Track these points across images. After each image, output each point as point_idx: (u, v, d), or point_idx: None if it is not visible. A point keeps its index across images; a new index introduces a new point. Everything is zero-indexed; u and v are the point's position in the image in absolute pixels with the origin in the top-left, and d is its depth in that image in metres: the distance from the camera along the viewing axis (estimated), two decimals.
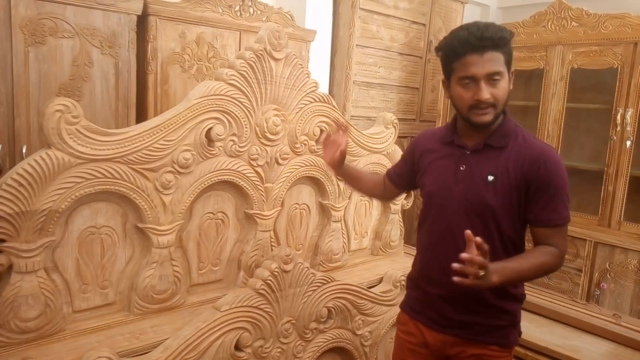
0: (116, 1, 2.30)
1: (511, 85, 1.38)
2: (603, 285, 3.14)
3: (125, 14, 2.35)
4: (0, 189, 1.29)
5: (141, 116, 2.51)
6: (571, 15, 3.24)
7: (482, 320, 1.41)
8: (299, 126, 1.88)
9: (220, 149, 1.69)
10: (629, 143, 3.04)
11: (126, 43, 2.38)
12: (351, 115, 3.44)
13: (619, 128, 3.07)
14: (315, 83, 1.91)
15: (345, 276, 2.10)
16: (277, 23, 2.88)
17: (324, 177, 2.03)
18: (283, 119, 1.82)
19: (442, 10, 3.87)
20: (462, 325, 1.42)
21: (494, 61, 1.29)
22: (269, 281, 1.59)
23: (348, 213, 2.22)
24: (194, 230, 1.73)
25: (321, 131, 1.94)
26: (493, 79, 1.30)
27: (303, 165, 1.94)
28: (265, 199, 1.84)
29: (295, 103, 1.85)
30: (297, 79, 1.84)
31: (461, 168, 1.40)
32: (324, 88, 3.44)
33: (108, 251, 1.54)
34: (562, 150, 3.37)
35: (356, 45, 3.39)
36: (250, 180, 1.79)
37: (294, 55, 1.80)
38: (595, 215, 3.23)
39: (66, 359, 1.36)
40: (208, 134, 1.64)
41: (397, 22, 3.61)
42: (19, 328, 1.37)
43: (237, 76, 1.67)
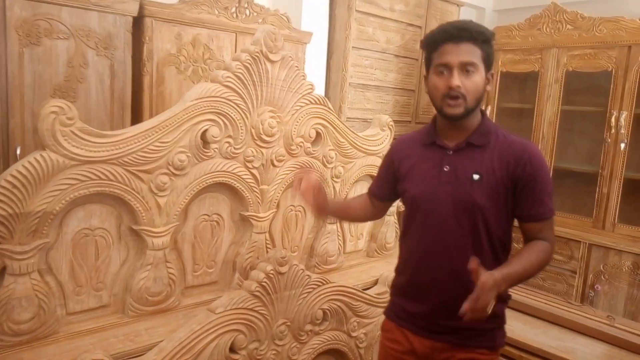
0: (112, 2, 2.30)
1: (489, 87, 1.40)
2: (597, 287, 3.16)
3: (121, 15, 2.35)
4: None
5: (136, 118, 2.50)
6: (566, 19, 3.27)
7: (471, 324, 1.39)
8: (294, 128, 1.89)
9: (216, 150, 1.68)
10: (623, 145, 3.06)
11: (122, 44, 2.37)
12: (347, 117, 3.44)
13: (613, 130, 3.09)
14: (311, 85, 1.91)
15: (341, 278, 2.10)
16: (273, 25, 2.89)
17: (319, 180, 2.03)
18: (279, 120, 1.82)
19: (438, 13, 3.88)
20: (452, 330, 1.41)
21: (470, 52, 1.32)
22: (264, 283, 1.59)
23: None
24: (189, 232, 1.72)
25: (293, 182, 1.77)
26: (467, 69, 1.32)
27: (299, 167, 1.94)
28: (260, 201, 1.84)
29: (291, 105, 1.85)
30: (293, 81, 1.84)
31: (445, 169, 1.40)
32: (319, 90, 3.44)
33: (102, 253, 1.54)
34: (557, 153, 3.39)
35: (352, 47, 3.39)
36: (246, 182, 1.78)
37: (290, 57, 1.80)
38: (589, 217, 3.25)
39: None
40: (203, 136, 1.64)
41: (393, 25, 3.62)
42: (12, 330, 1.36)
43: (233, 78, 1.67)
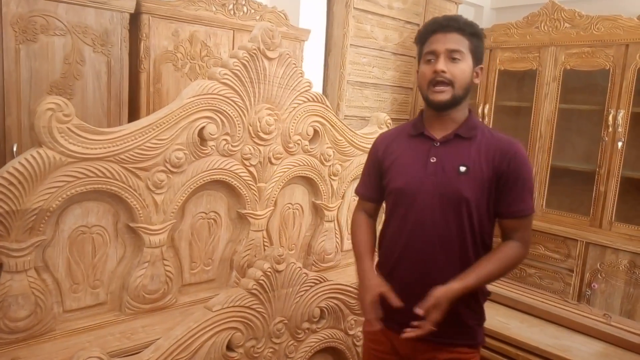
0: None
1: (477, 81, 1.41)
2: (594, 285, 3.16)
3: (118, 12, 2.34)
4: None
5: (133, 115, 2.50)
6: (564, 17, 3.27)
7: (452, 321, 1.40)
8: (292, 126, 1.88)
9: (213, 148, 1.68)
10: (620, 144, 3.06)
11: (119, 41, 2.36)
12: (345, 115, 3.44)
13: (610, 129, 3.09)
14: (309, 82, 1.90)
15: (338, 276, 2.10)
16: (271, 22, 2.88)
17: (317, 177, 2.03)
18: (276, 118, 1.82)
19: (436, 11, 3.87)
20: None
21: (457, 41, 1.36)
22: (261, 281, 1.59)
23: (341, 213, 2.22)
24: (186, 229, 1.72)
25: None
26: (453, 57, 1.35)
27: (296, 164, 1.94)
28: (258, 199, 1.84)
29: (288, 102, 1.85)
30: (291, 79, 1.83)
31: (432, 160, 1.39)
32: (317, 88, 3.44)
33: (99, 250, 1.53)
34: (554, 151, 3.40)
35: (350, 44, 3.39)
36: (243, 179, 1.78)
37: (287, 54, 1.80)
38: (586, 215, 3.25)
39: (57, 359, 1.35)
40: (201, 133, 1.63)
41: (391, 22, 3.62)
42: (8, 328, 1.36)
43: (231, 75, 1.66)
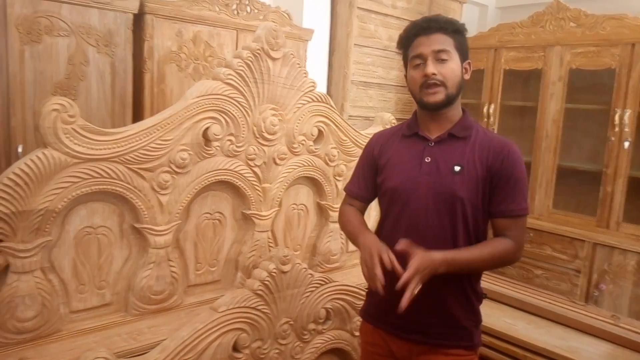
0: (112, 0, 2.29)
1: (467, 76, 1.41)
2: (602, 286, 3.14)
3: (122, 13, 2.34)
4: None
5: (137, 115, 2.50)
6: (569, 16, 3.25)
7: (447, 322, 1.39)
8: (296, 126, 1.88)
9: (218, 148, 1.68)
10: (627, 144, 3.04)
11: (122, 42, 2.36)
12: (349, 115, 3.43)
13: (617, 129, 3.07)
14: (313, 83, 1.90)
15: (344, 277, 2.09)
16: (275, 22, 2.87)
17: (321, 178, 2.03)
18: (280, 118, 1.81)
19: (441, 10, 3.86)
20: (427, 327, 1.40)
21: (441, 41, 1.35)
22: (266, 282, 1.58)
23: None
24: (191, 230, 1.72)
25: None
26: (441, 58, 1.35)
27: (301, 165, 1.94)
28: (262, 199, 1.83)
29: (292, 103, 1.84)
30: (295, 79, 1.83)
31: (426, 160, 1.39)
32: (321, 88, 3.43)
33: (105, 251, 1.53)
34: (560, 151, 3.38)
35: (354, 44, 3.38)
36: (248, 180, 1.78)
37: (291, 54, 1.79)
38: (593, 216, 3.23)
39: None
40: (205, 134, 1.63)
41: (395, 22, 3.61)
42: (16, 328, 1.36)
43: (235, 75, 1.66)
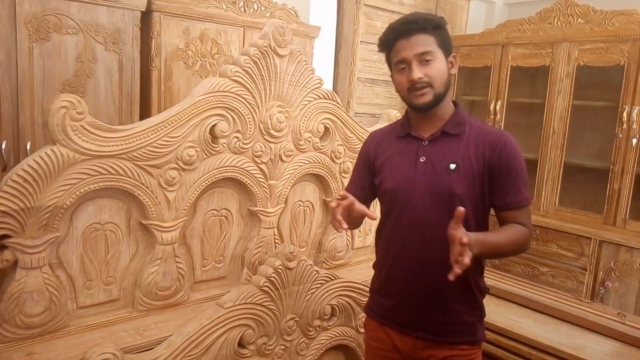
0: None
1: (454, 70, 1.40)
2: (608, 284, 3.13)
3: (130, 10, 2.35)
4: (6, 185, 1.29)
5: (145, 112, 2.51)
6: (577, 12, 3.22)
7: (452, 319, 1.39)
8: (303, 123, 1.88)
9: (224, 145, 1.68)
10: (635, 141, 3.02)
11: (130, 39, 2.37)
12: (355, 112, 3.43)
13: (625, 126, 3.05)
14: (320, 80, 1.90)
15: (349, 274, 2.10)
16: (281, 19, 2.87)
17: (327, 175, 2.03)
18: (287, 115, 1.81)
19: (448, 7, 3.85)
20: (432, 325, 1.40)
21: (423, 42, 1.34)
22: (272, 278, 1.59)
23: None
24: (198, 227, 1.73)
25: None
26: (425, 59, 1.34)
27: (307, 162, 1.94)
28: (269, 196, 1.84)
29: (299, 100, 1.85)
30: (302, 76, 1.83)
31: (421, 160, 1.39)
32: (328, 85, 3.43)
33: (112, 247, 1.54)
34: (568, 148, 3.36)
35: (360, 41, 3.38)
36: (254, 177, 1.78)
37: (298, 51, 1.80)
38: (600, 213, 3.22)
39: (70, 355, 1.37)
40: (212, 131, 1.64)
41: None
42: (24, 323, 1.38)
43: (242, 73, 1.66)
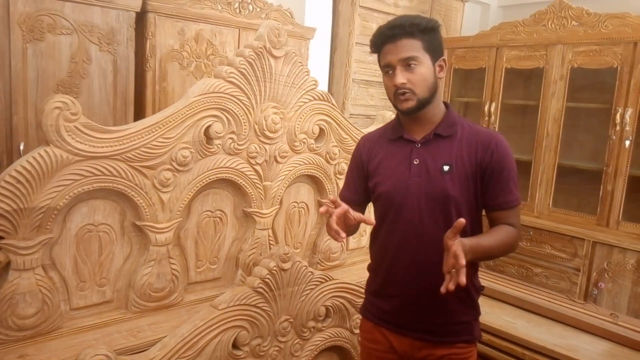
0: None
1: (441, 74, 1.40)
2: (601, 285, 3.15)
3: (124, 11, 2.34)
4: None
5: (139, 113, 2.50)
6: (571, 15, 3.24)
7: (449, 319, 1.40)
8: (298, 124, 1.88)
9: (219, 146, 1.68)
10: (628, 142, 3.04)
11: (125, 40, 2.37)
12: (350, 114, 3.43)
13: (618, 127, 3.07)
14: (315, 81, 1.90)
15: (343, 275, 2.10)
16: (277, 20, 2.88)
17: (322, 176, 2.03)
18: (282, 117, 1.81)
19: (443, 9, 3.86)
20: (430, 326, 1.41)
21: (408, 48, 1.33)
22: (267, 279, 1.59)
23: None
24: (192, 228, 1.72)
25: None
26: (408, 64, 1.33)
27: (302, 163, 1.94)
28: (263, 197, 1.84)
29: (294, 101, 1.85)
30: (297, 77, 1.83)
31: (415, 162, 1.39)
32: (323, 86, 3.44)
33: (106, 249, 1.54)
34: (561, 150, 3.38)
35: (356, 43, 3.38)
36: (249, 178, 1.78)
37: (293, 53, 1.80)
38: (593, 214, 3.23)
39: (63, 357, 1.36)
40: (207, 132, 1.64)
41: None
42: (16, 325, 1.37)
43: (237, 74, 1.66)
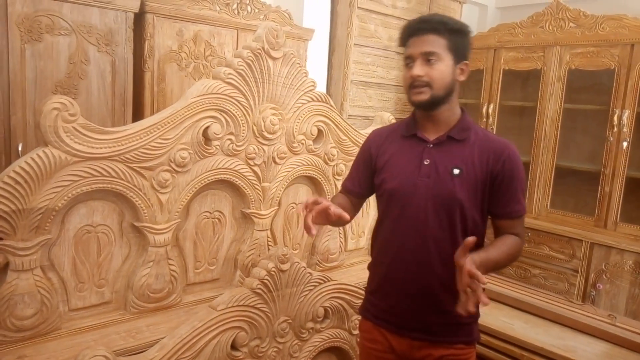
0: None
1: (462, 77, 1.41)
2: (599, 286, 3.15)
3: (123, 12, 2.34)
4: None
5: (138, 114, 2.50)
6: (569, 16, 3.26)
7: (449, 319, 1.40)
8: (296, 125, 1.88)
9: (218, 147, 1.68)
10: (625, 144, 3.05)
11: (123, 41, 2.37)
12: (348, 115, 3.44)
13: (615, 129, 3.08)
14: (313, 82, 1.90)
15: (342, 276, 2.10)
16: (275, 22, 2.88)
17: (321, 177, 2.03)
18: (280, 118, 1.82)
19: (440, 10, 3.86)
20: (429, 326, 1.41)
21: (431, 43, 1.36)
22: (265, 280, 1.59)
23: None
24: (191, 229, 1.72)
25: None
26: (429, 59, 1.35)
27: (300, 164, 1.94)
28: (262, 198, 1.84)
29: (292, 102, 1.85)
30: (295, 78, 1.83)
31: (425, 162, 1.40)
32: (321, 87, 3.44)
33: (104, 250, 1.54)
34: (559, 151, 3.39)
35: (354, 44, 3.38)
36: (248, 179, 1.78)
37: (291, 54, 1.80)
38: (591, 216, 3.24)
39: (62, 358, 1.36)
40: (205, 133, 1.64)
41: (395, 22, 3.61)
42: (15, 326, 1.37)
43: (235, 75, 1.66)
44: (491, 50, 3.61)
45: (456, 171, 1.36)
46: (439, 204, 1.36)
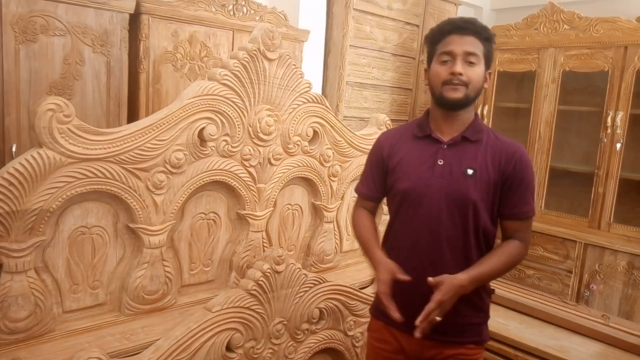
0: None
1: (486, 85, 1.43)
2: (592, 287, 3.17)
3: (118, 12, 2.34)
4: None
5: (133, 115, 2.50)
6: (563, 19, 3.27)
7: (460, 320, 1.41)
8: (292, 127, 1.88)
9: (213, 149, 1.68)
10: (619, 145, 3.07)
11: (118, 41, 2.36)
12: (344, 116, 3.44)
13: (609, 130, 3.10)
14: (309, 83, 1.91)
15: (337, 277, 2.10)
16: (271, 23, 2.88)
17: (316, 178, 2.03)
18: (276, 119, 1.82)
19: (436, 12, 3.88)
20: (440, 325, 1.39)
21: (474, 44, 1.36)
22: (260, 282, 1.59)
23: (340, 214, 2.22)
24: (186, 230, 1.72)
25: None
26: (470, 60, 1.36)
27: (296, 165, 1.94)
28: (257, 200, 1.84)
29: (288, 103, 1.85)
30: (291, 80, 1.83)
31: (439, 162, 1.40)
32: (317, 88, 3.44)
33: (99, 251, 1.53)
34: (553, 152, 3.40)
35: (349, 45, 3.39)
36: (243, 180, 1.78)
37: (287, 55, 1.80)
38: (585, 217, 3.26)
39: None
40: (201, 134, 1.63)
41: (391, 23, 3.62)
42: (8, 328, 1.36)
43: (231, 76, 1.66)
44: None
45: (470, 171, 1.37)
46: (452, 204, 1.37)
